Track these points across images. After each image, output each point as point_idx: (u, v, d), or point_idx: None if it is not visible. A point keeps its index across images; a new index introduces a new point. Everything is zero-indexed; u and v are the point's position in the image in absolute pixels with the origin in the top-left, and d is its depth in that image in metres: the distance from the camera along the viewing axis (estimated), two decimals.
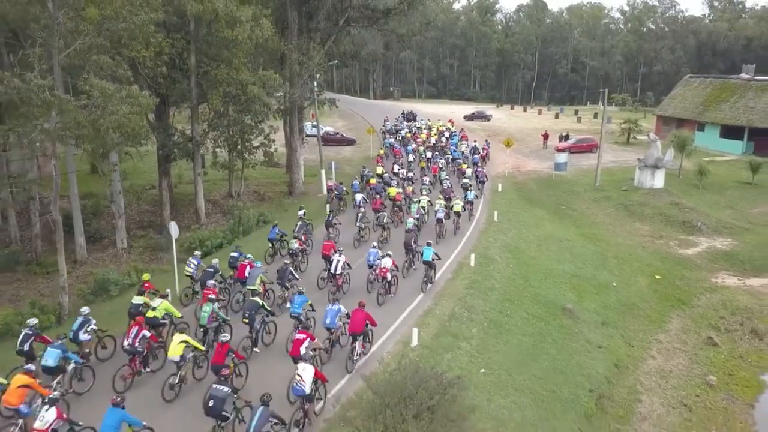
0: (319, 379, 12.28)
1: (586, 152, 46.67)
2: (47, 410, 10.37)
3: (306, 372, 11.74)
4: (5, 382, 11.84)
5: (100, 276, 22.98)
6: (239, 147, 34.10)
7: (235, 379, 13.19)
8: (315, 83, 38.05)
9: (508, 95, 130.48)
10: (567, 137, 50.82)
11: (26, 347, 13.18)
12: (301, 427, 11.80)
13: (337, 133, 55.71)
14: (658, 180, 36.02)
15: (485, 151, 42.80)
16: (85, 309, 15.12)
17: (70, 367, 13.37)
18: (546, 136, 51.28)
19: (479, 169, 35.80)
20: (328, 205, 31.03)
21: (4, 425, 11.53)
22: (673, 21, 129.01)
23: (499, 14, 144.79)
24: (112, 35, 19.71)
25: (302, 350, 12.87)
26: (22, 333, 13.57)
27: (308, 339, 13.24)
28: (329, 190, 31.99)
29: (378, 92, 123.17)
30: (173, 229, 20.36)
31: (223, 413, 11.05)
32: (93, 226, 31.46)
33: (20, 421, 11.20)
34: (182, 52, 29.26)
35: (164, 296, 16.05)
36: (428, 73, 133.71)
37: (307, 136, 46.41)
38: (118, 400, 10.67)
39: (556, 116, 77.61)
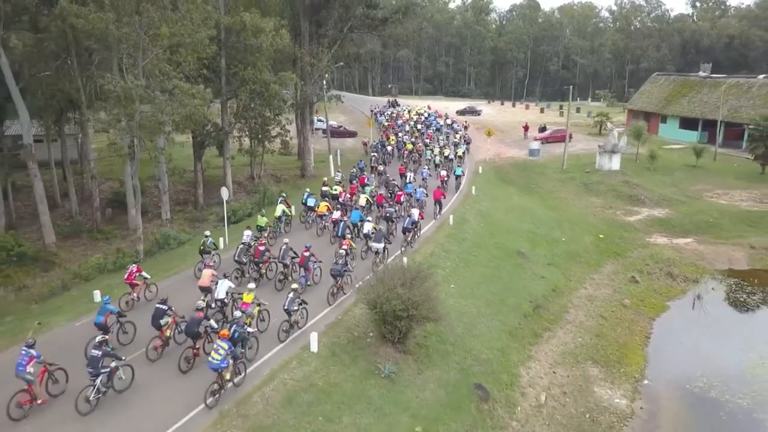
0: (420, 216, 25.35)
1: (561, 141, 52.97)
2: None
3: (414, 211, 25.00)
4: (263, 222, 25.13)
5: (161, 233, 29.45)
6: (260, 136, 40.42)
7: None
8: (324, 82, 44.39)
9: (502, 92, 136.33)
10: (544, 129, 57.25)
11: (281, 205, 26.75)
12: (413, 239, 24.73)
13: (341, 126, 62.11)
14: (615, 163, 42.48)
15: (467, 123, 61.34)
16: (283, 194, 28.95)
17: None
18: (526, 128, 57.71)
19: (465, 134, 52.01)
20: (368, 155, 44.91)
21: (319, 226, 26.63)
22: (659, 20, 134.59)
23: (493, 14, 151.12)
24: (173, 47, 26.04)
25: (402, 199, 28.61)
26: (279, 199, 28.42)
27: (404, 195, 28.92)
28: (365, 144, 49.20)
29: (377, 89, 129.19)
30: (224, 192, 26.75)
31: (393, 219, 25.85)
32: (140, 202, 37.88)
33: (323, 222, 26.38)
34: (215, 56, 35.54)
35: (339, 182, 31.24)
36: (425, 71, 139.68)
37: (315, 129, 52.89)
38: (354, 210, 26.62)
39: (542, 111, 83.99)
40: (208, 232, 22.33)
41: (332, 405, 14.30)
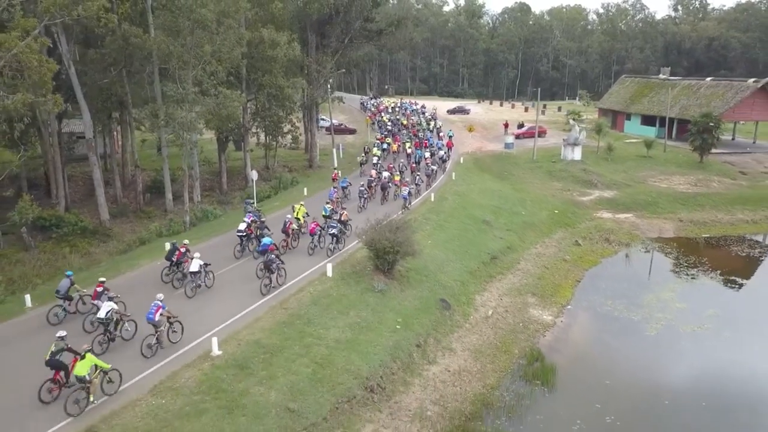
0: (449, 157, 46.96)
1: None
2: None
3: (441, 152, 45.60)
4: (378, 154, 45.31)
5: (200, 209, 36.69)
6: (274, 132, 47.59)
7: None
8: (329, 86, 51.65)
9: (495, 92, 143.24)
10: (522, 125, 64.58)
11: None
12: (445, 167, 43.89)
13: (341, 124, 69.33)
14: (577, 154, 49.77)
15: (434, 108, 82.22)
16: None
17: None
18: (506, 125, 65.01)
19: (435, 114, 71.56)
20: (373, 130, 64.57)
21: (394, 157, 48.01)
22: (643, 23, 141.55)
23: (485, 17, 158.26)
24: (211, 61, 33.31)
25: (429, 144, 49.36)
26: (365, 149, 48.81)
27: (428, 143, 50.15)
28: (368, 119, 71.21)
29: (374, 90, 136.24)
30: (254, 174, 34.02)
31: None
32: (174, 188, 45.12)
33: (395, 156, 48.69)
34: (239, 65, 42.70)
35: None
36: (420, 72, 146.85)
37: (320, 127, 60.17)
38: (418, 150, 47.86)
39: (526, 110, 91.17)
40: (360, 156, 46.12)
41: (342, 306, 21.58)
